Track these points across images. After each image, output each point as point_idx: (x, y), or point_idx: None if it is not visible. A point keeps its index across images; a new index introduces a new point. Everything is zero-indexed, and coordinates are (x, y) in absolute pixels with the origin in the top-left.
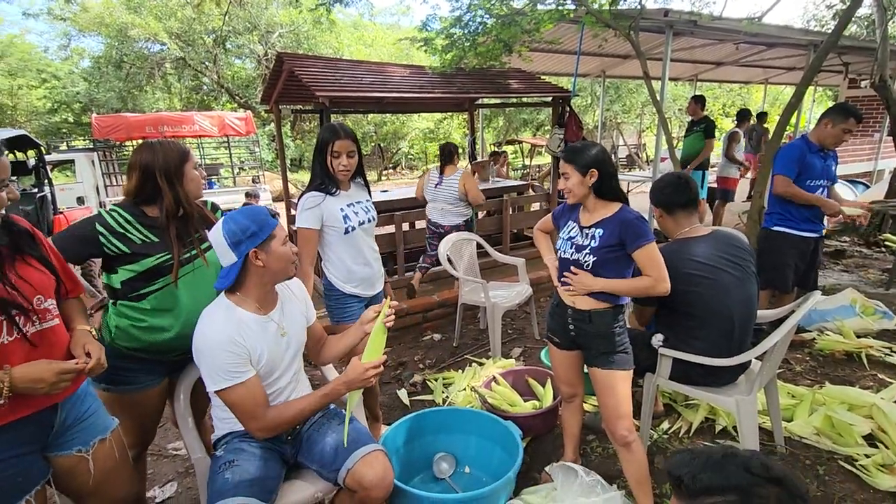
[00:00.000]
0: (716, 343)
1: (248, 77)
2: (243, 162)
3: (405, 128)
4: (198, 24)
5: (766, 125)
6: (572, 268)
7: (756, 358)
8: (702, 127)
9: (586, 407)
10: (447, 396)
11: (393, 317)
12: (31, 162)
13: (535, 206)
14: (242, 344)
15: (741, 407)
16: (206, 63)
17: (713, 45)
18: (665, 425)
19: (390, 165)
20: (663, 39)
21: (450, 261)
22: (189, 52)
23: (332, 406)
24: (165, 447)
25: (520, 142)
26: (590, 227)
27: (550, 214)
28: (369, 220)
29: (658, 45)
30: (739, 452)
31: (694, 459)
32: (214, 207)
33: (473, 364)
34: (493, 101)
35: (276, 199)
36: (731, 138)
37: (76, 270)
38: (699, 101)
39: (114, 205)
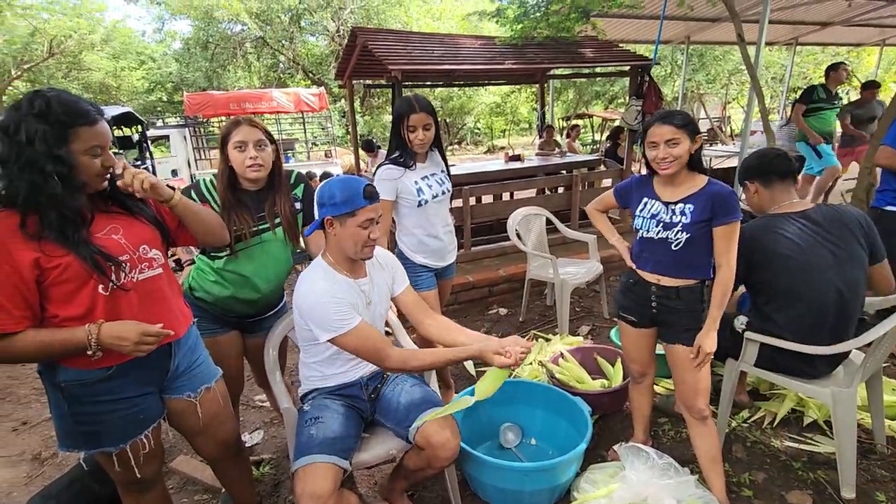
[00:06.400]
0: (805, 329)
1: (322, 54)
2: (316, 137)
3: (472, 102)
4: (275, 3)
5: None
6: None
7: (857, 349)
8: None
9: (657, 389)
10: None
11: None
12: (135, 137)
13: (607, 182)
14: (342, 298)
15: (838, 399)
16: (283, 41)
17: (819, 3)
18: (745, 414)
19: (455, 141)
20: None
21: (518, 236)
22: (267, 31)
23: None
24: (253, 399)
25: (590, 115)
26: (677, 203)
27: (612, 191)
28: (443, 193)
29: (754, 4)
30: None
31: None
32: (298, 180)
33: (540, 339)
34: (566, 71)
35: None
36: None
37: None
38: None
39: (214, 175)
